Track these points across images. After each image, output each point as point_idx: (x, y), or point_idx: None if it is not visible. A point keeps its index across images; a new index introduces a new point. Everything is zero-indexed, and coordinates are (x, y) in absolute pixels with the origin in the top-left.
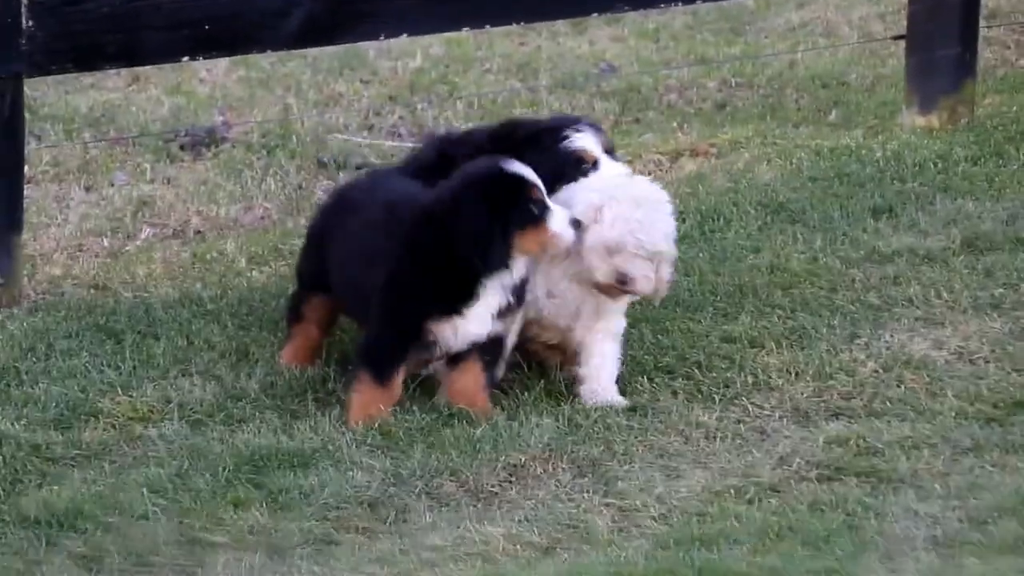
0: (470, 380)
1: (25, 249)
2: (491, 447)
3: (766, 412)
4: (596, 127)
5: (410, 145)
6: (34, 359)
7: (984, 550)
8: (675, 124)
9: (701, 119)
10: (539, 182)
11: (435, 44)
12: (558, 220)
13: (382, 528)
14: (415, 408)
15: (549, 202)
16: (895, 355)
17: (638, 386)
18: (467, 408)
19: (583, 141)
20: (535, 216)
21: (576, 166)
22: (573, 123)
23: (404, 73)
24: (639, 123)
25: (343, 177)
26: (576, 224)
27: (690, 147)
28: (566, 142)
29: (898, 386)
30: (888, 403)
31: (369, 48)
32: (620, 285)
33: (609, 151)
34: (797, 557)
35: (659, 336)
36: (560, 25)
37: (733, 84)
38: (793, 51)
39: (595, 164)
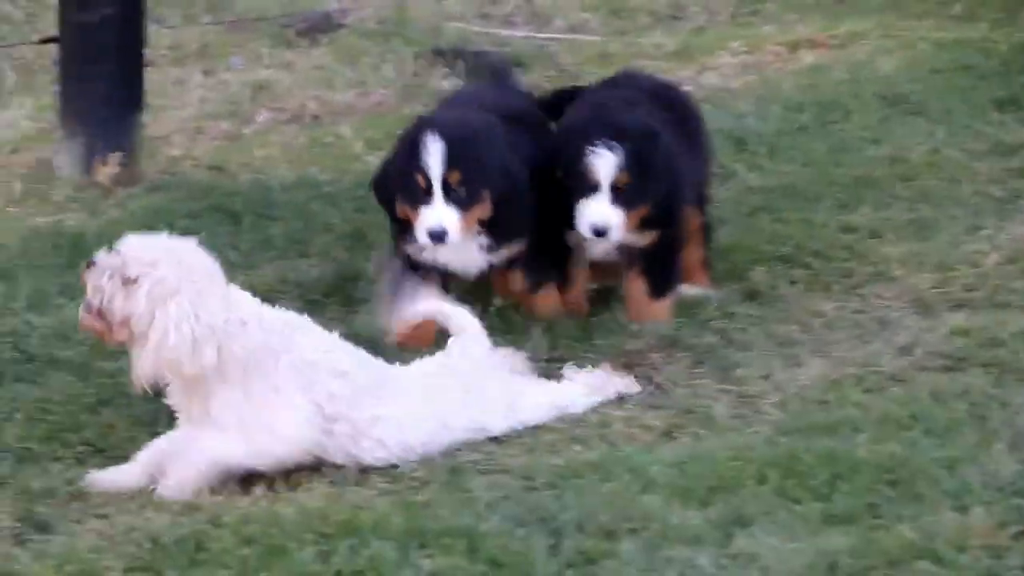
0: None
1: (145, 130)
2: (604, 337)
3: (886, 303)
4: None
5: (522, 34)
6: None
7: None
8: (794, 16)
9: (821, 11)
10: None
11: None
12: None
13: None
14: None
15: None
16: (1019, 247)
17: (757, 275)
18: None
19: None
20: None
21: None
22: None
23: None
24: (757, 15)
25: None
26: None
27: (809, 39)
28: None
29: (1022, 278)
30: (1012, 295)
31: None
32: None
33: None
34: (921, 446)
35: (777, 225)
36: None
37: None
38: None
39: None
